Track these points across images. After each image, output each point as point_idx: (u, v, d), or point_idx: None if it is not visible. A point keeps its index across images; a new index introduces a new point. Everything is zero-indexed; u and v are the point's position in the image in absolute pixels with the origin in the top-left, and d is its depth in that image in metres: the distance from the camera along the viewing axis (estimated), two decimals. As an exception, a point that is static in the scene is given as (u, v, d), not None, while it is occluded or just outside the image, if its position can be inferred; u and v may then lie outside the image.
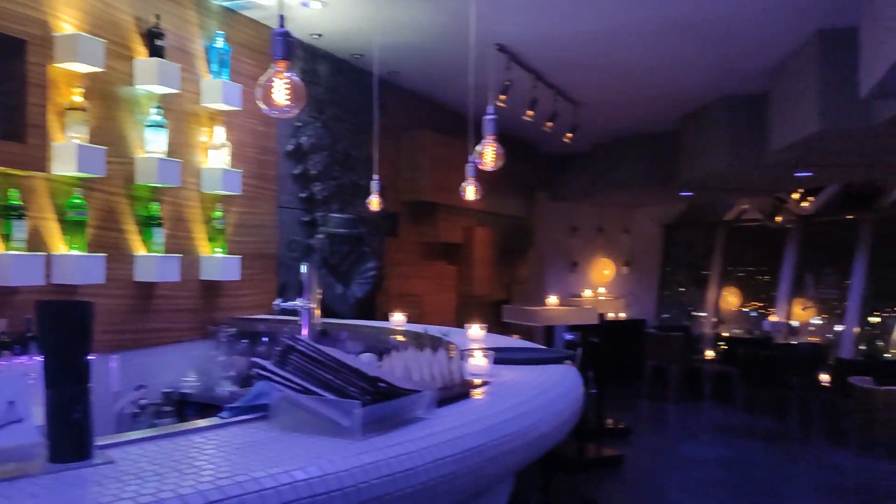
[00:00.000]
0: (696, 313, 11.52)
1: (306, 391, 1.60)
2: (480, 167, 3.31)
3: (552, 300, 6.38)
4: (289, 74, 1.93)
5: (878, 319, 9.02)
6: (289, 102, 1.94)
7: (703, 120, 7.52)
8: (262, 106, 1.97)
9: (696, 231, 11.94)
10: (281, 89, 1.91)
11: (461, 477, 1.66)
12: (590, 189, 10.17)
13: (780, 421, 8.16)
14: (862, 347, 8.98)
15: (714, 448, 7.48)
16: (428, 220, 7.05)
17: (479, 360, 2.41)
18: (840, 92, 4.98)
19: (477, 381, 2.26)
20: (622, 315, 11.21)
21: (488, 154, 3.18)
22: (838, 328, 9.32)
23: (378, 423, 1.60)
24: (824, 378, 8.04)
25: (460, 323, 3.55)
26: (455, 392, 2.02)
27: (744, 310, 11.06)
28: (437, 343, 2.64)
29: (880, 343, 8.89)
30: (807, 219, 10.09)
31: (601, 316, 7.69)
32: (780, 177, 7.95)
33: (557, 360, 2.75)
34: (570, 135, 7.41)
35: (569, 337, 8.06)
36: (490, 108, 3.26)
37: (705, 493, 5.94)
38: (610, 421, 7.91)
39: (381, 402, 1.61)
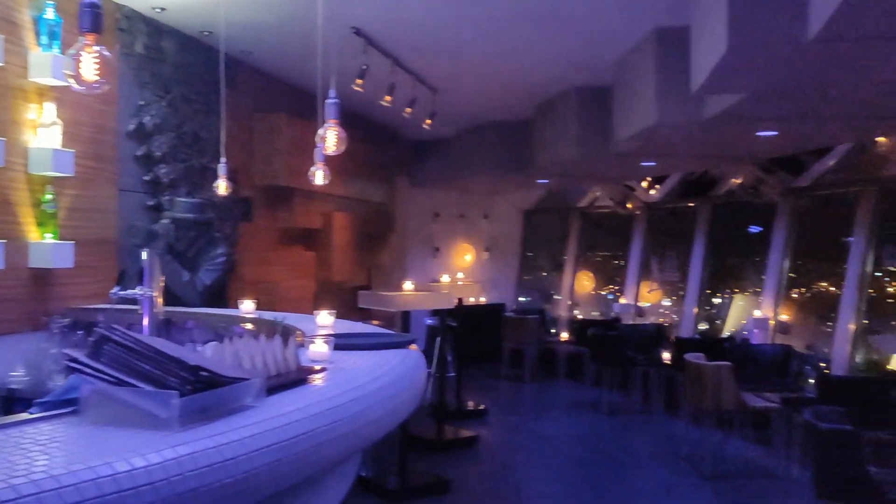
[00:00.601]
0: (557, 297, 11.99)
1: (121, 383, 1.54)
2: (323, 151, 3.28)
3: (408, 285, 6.44)
4: (98, 48, 1.82)
5: (719, 300, 9.71)
6: (98, 78, 1.83)
7: (555, 109, 7.78)
8: (71, 81, 1.85)
9: (553, 217, 12.39)
10: (89, 64, 1.80)
11: (289, 463, 1.65)
12: (450, 175, 10.31)
13: (625, 396, 8.66)
14: (705, 327, 9.64)
15: (563, 424, 7.85)
16: (285, 205, 6.92)
17: (319, 347, 2.40)
18: (675, 87, 5.28)
19: (316, 367, 2.25)
20: (482, 300, 11.47)
21: (330, 138, 3.15)
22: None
23: (200, 413, 1.56)
24: (666, 356, 8.59)
25: (319, 309, 3.52)
26: (290, 379, 2.00)
27: (602, 293, 11.61)
28: (276, 330, 2.60)
29: (718, 322, 9.59)
30: (653, 206, 10.70)
31: (459, 301, 7.85)
32: (628, 166, 8.37)
33: (400, 345, 2.78)
34: (429, 121, 7.48)
35: (429, 322, 8.18)
36: (332, 92, 3.22)
37: (553, 467, 6.22)
38: (471, 403, 8.12)
39: (203, 391, 1.57)
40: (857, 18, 3.29)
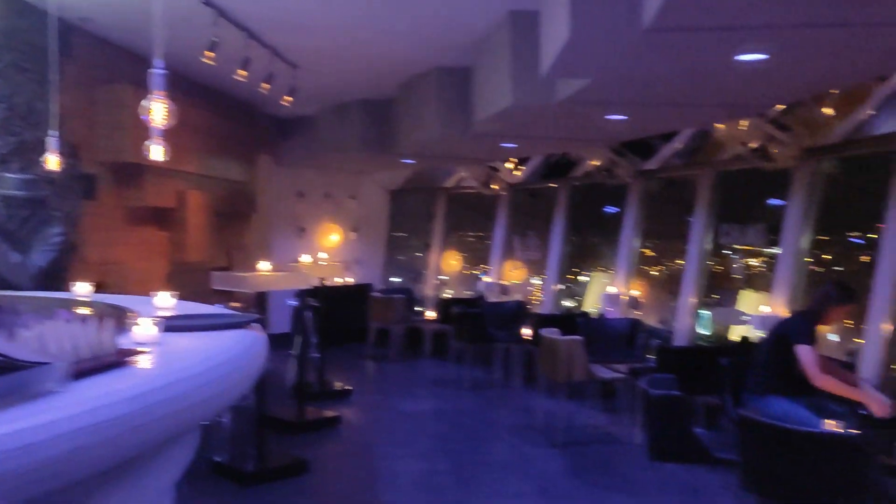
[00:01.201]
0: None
1: None
2: (150, 125, 3.13)
3: (264, 266, 6.30)
4: None
5: (586, 278, 10.10)
6: None
7: (416, 89, 7.80)
8: None
9: (421, 197, 12.47)
10: None
11: (98, 447, 1.59)
12: (315, 154, 10.15)
13: (486, 372, 8.90)
14: (572, 304, 10.02)
15: (425, 401, 7.97)
16: (134, 182, 6.59)
17: (145, 328, 2.31)
18: (529, 70, 5.41)
19: (140, 349, 2.17)
20: (350, 280, 11.42)
21: (157, 111, 3.01)
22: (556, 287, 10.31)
23: (-7, 400, 1.47)
24: (526, 332, 8.87)
25: (173, 291, 3.38)
26: (105, 362, 1.92)
27: (474, 272, 11.80)
28: (101, 312, 2.49)
29: (580, 299, 10.00)
30: (516, 187, 10.98)
31: (321, 281, 7.78)
32: (488, 147, 8.53)
33: (238, 325, 2.72)
34: (289, 98, 7.31)
35: (291, 302, 8.05)
36: (158, 62, 3.08)
37: (413, 443, 6.31)
38: (339, 384, 8.08)
39: (-4, 376, 1.48)
40: (685, 9, 3.50)
